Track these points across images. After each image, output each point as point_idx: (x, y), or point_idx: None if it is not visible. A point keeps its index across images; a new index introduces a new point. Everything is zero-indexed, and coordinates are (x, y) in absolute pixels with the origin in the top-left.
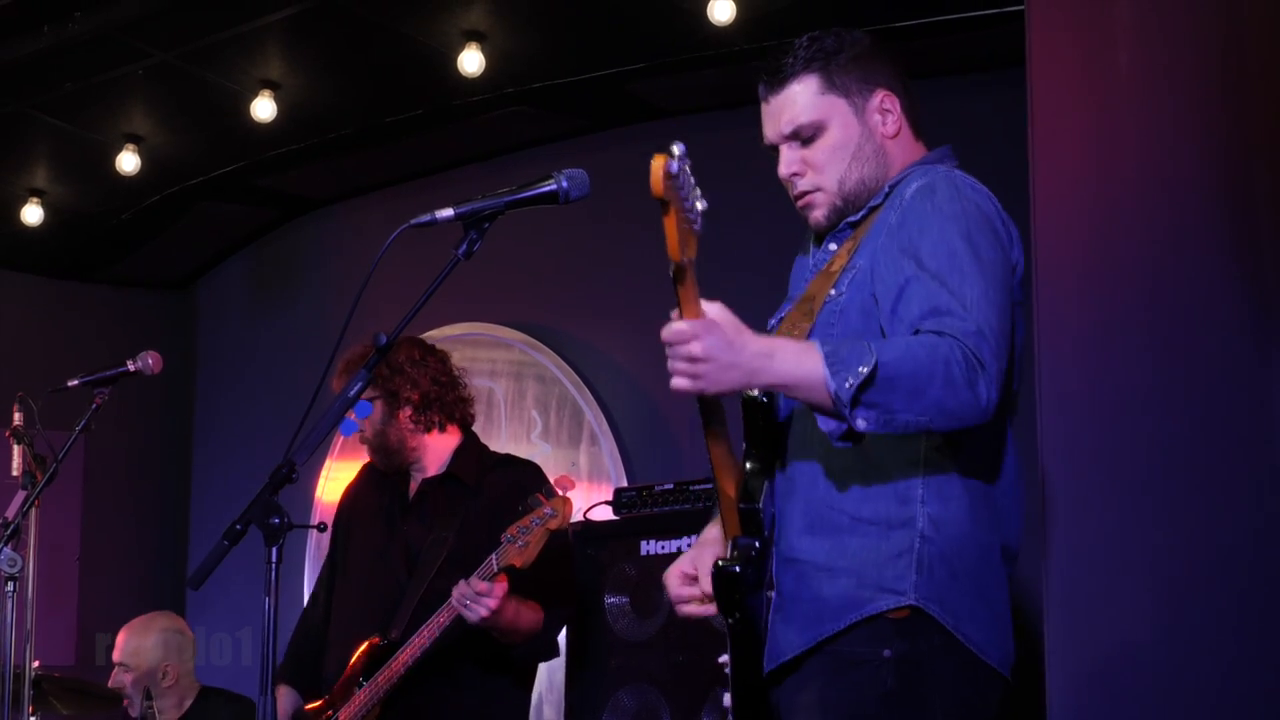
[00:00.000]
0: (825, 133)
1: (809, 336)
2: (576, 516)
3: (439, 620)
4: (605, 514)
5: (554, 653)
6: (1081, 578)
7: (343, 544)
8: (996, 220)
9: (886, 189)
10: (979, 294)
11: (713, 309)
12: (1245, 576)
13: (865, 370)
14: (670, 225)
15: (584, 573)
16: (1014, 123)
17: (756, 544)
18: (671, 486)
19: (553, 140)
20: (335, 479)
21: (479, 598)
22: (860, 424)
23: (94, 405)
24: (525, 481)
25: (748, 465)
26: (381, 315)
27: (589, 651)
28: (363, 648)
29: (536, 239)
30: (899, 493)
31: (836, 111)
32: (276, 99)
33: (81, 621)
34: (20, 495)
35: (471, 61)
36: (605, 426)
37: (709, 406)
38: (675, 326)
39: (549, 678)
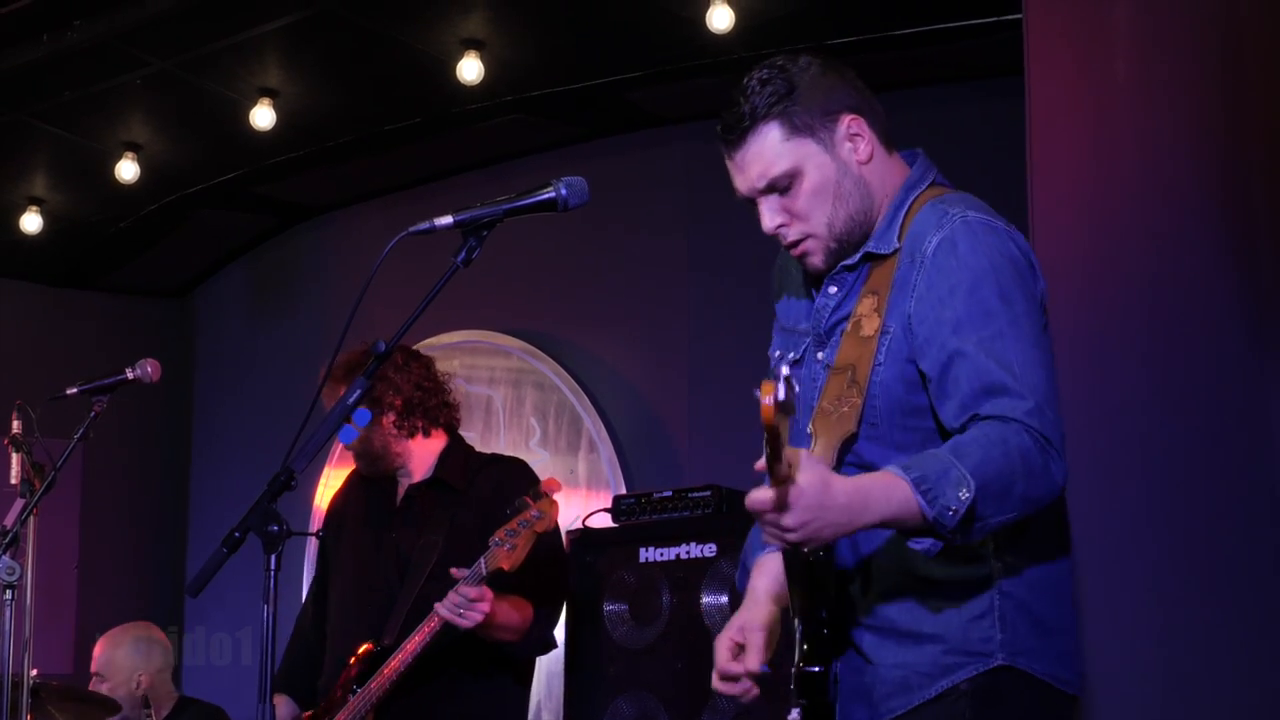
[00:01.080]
0: (801, 179)
1: (863, 412)
2: (575, 524)
3: (428, 627)
4: (604, 521)
5: (551, 645)
6: (1080, 580)
7: (332, 551)
8: (1020, 259)
9: (894, 238)
10: (1023, 357)
11: (805, 471)
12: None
13: (968, 496)
14: (775, 448)
15: (582, 580)
16: (1012, 130)
17: (825, 630)
18: (670, 494)
19: (551, 148)
20: (333, 486)
21: (470, 604)
22: (958, 539)
23: (93, 413)
24: (512, 479)
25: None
26: (380, 323)
27: (588, 659)
28: (358, 653)
29: (535, 246)
30: (971, 551)
31: (807, 154)
32: (275, 107)
33: (80, 629)
34: (19, 503)
35: (470, 69)
36: (604, 434)
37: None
38: (759, 496)
39: (548, 684)
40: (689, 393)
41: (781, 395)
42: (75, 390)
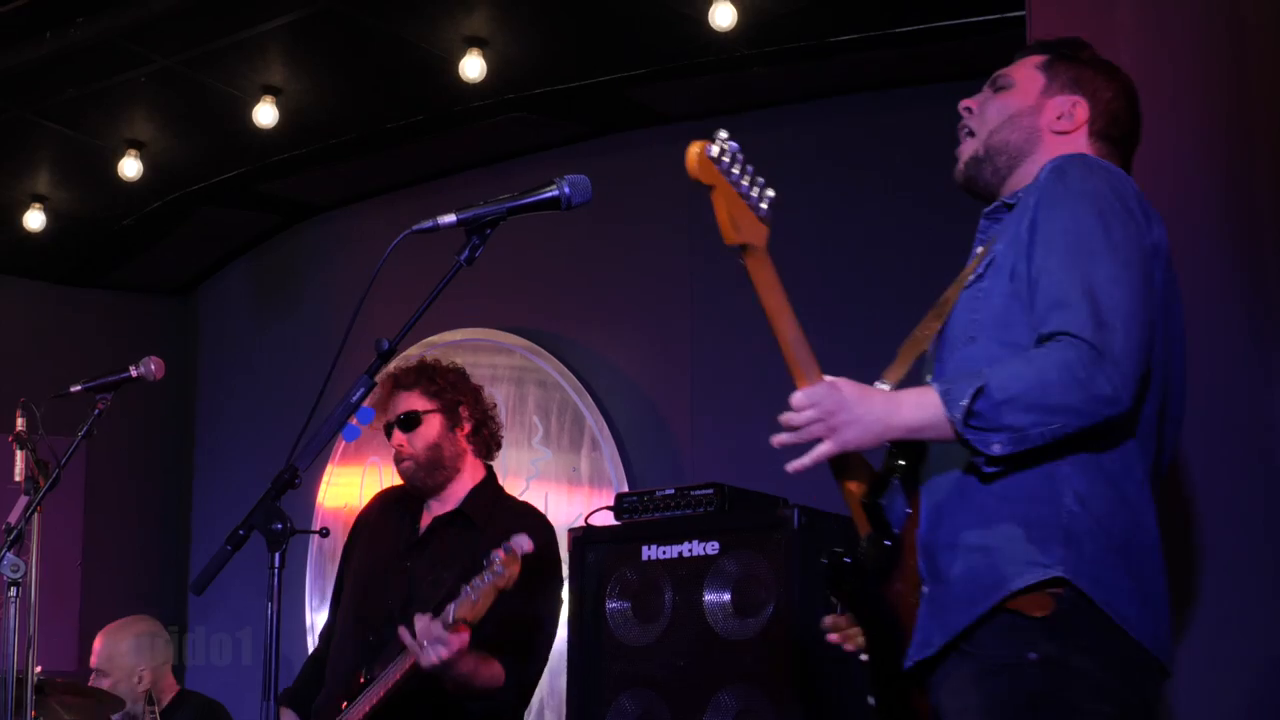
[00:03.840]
0: (1012, 92)
1: (941, 333)
2: (578, 522)
3: (403, 665)
4: (606, 519)
5: (518, 716)
6: None
7: (348, 570)
8: (1131, 199)
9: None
10: (1106, 276)
11: (832, 378)
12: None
13: (965, 403)
14: (717, 206)
15: (585, 578)
16: None
17: (887, 542)
18: (673, 491)
19: (554, 146)
20: (337, 484)
21: (434, 644)
22: (995, 448)
23: (96, 411)
24: (531, 531)
25: (892, 459)
26: (383, 321)
27: (590, 656)
28: (357, 682)
29: (538, 244)
30: (1044, 472)
31: (1033, 84)
32: (278, 105)
33: (84, 626)
34: (23, 500)
35: (473, 67)
36: (606, 432)
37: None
38: (804, 391)
39: (550, 683)
40: (691, 391)
41: (713, 151)
42: (79, 388)
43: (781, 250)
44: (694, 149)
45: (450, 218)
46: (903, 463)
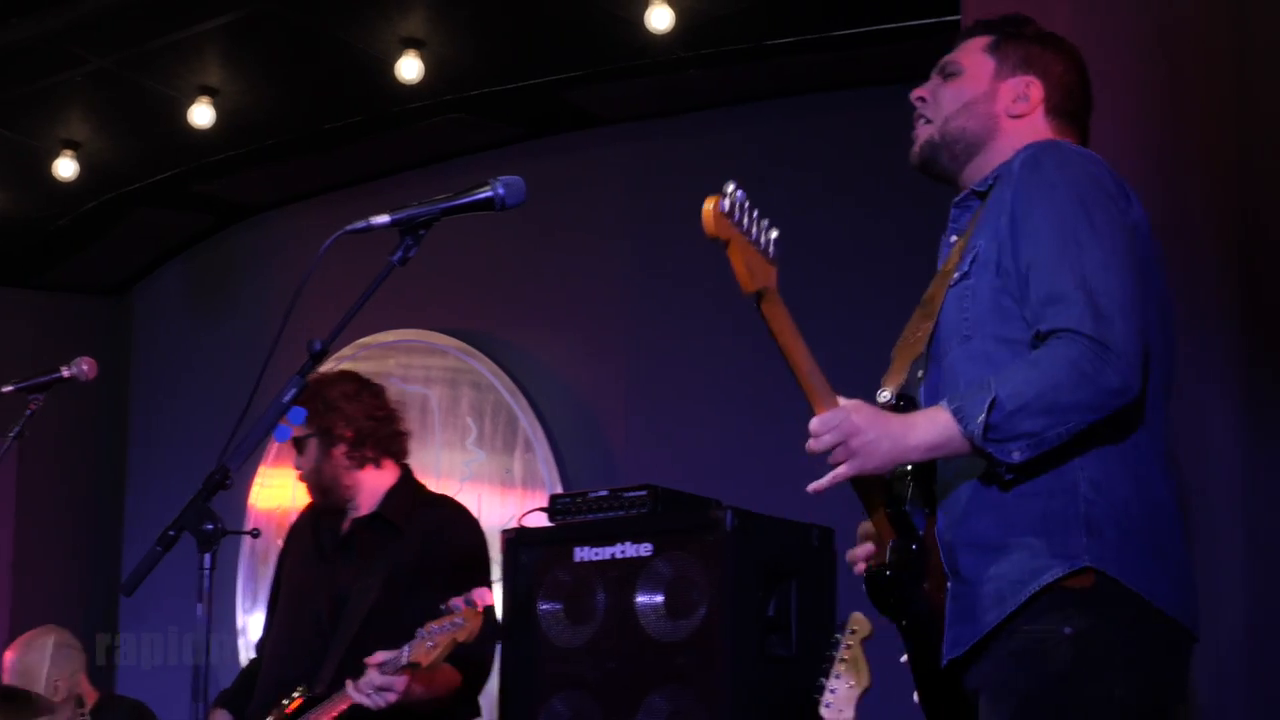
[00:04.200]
0: (960, 79)
1: (934, 330)
2: (511, 523)
3: (343, 694)
4: (539, 520)
5: (475, 712)
6: None
7: (282, 582)
8: (1108, 181)
9: (991, 178)
10: (1096, 263)
11: (848, 402)
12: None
13: (982, 419)
14: (735, 260)
15: (517, 580)
16: None
17: (914, 546)
18: (606, 493)
19: (490, 148)
20: (269, 485)
21: (380, 692)
22: (1015, 456)
23: (28, 411)
24: (452, 526)
25: (896, 472)
26: (317, 321)
27: (522, 658)
28: (292, 697)
29: (474, 246)
30: (1058, 463)
31: (982, 70)
32: (214, 105)
33: (13, 628)
34: None
35: (410, 69)
36: (540, 433)
37: (864, 487)
38: (821, 416)
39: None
40: (626, 393)
41: (726, 207)
42: (10, 388)
43: (718, 253)
44: (708, 208)
45: (384, 218)
46: (910, 470)
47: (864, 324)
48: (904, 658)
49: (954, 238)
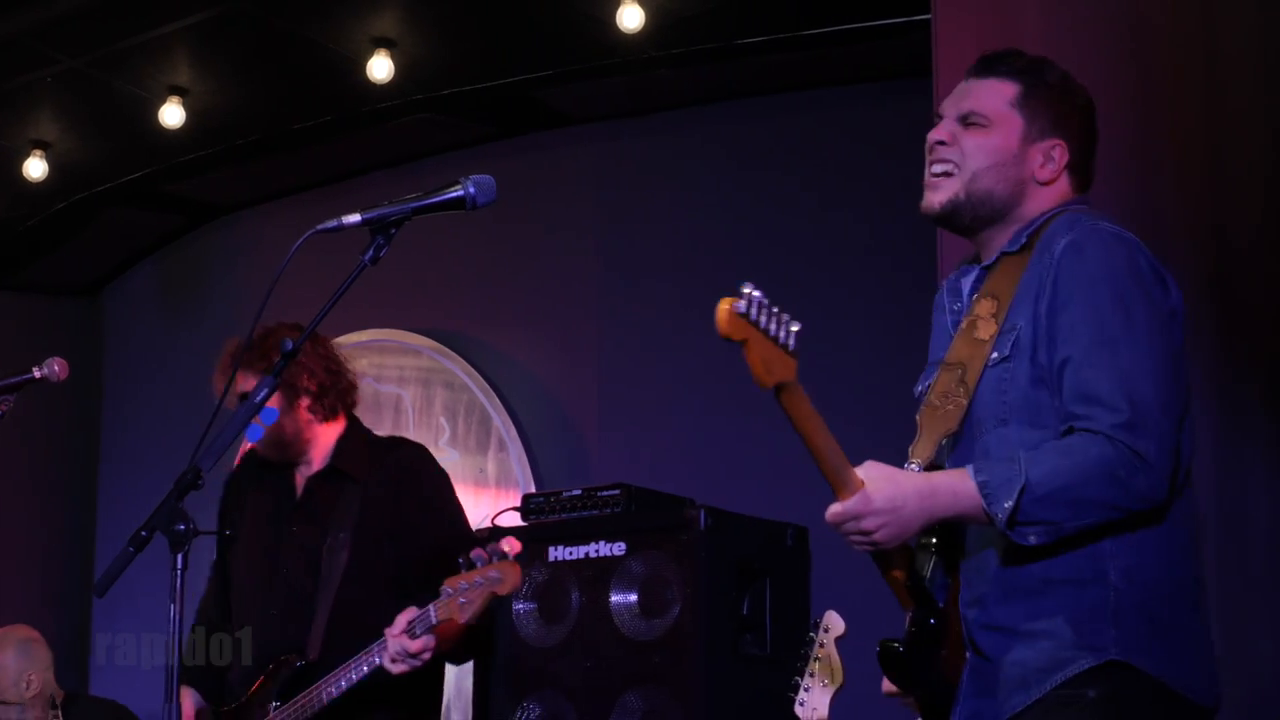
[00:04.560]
0: (989, 131)
1: (968, 410)
2: (484, 523)
3: (369, 659)
4: (513, 520)
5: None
6: None
7: (230, 545)
8: (1148, 272)
9: (1025, 238)
10: (1130, 365)
11: (867, 470)
12: None
13: (1010, 504)
14: (751, 359)
15: None
16: (920, 132)
17: (932, 620)
18: (579, 492)
19: (461, 147)
20: None
21: (414, 657)
22: (1031, 540)
23: None
24: (416, 465)
25: (921, 540)
26: (288, 321)
27: (496, 657)
28: (280, 661)
29: (446, 246)
30: (1088, 551)
31: (1011, 125)
32: (185, 105)
33: None
34: None
35: (381, 68)
36: (513, 432)
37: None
38: (837, 510)
39: (456, 684)
40: (598, 392)
41: (742, 308)
42: None
43: (689, 252)
44: (723, 310)
45: (355, 217)
46: (935, 540)
47: (833, 323)
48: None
49: (974, 295)
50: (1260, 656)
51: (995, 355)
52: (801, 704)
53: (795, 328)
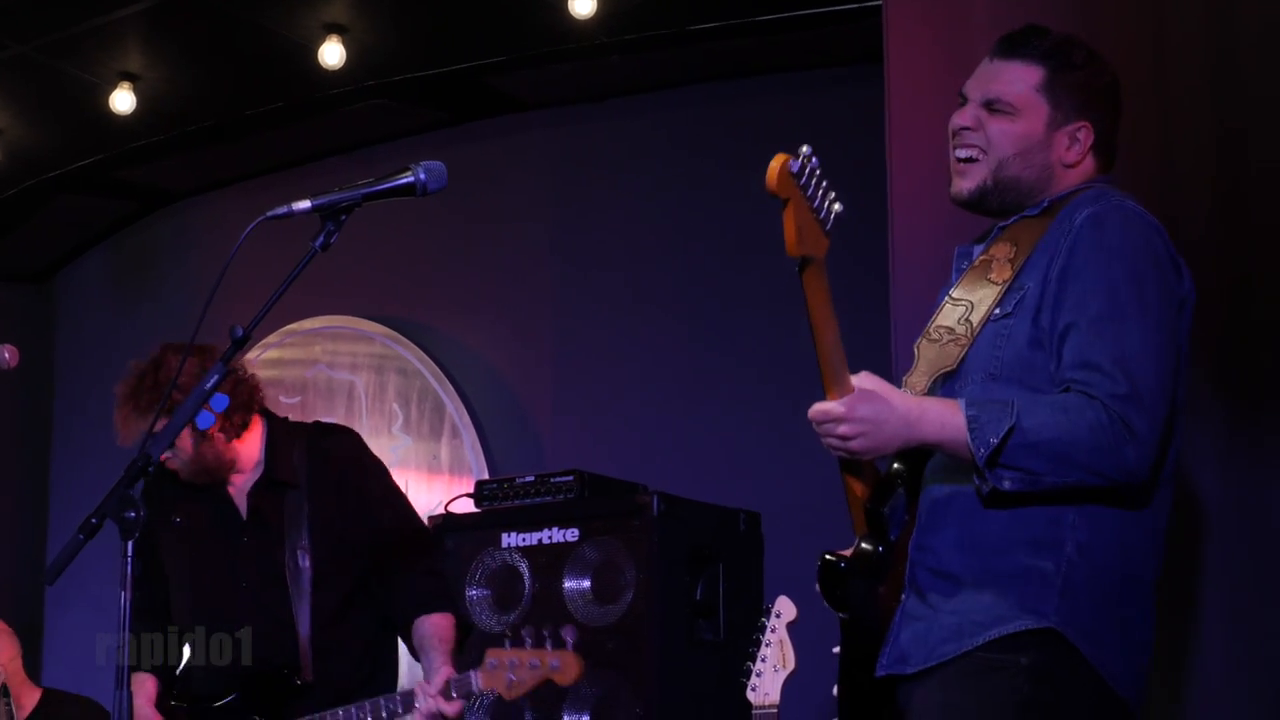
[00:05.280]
0: (1015, 118)
1: (967, 353)
2: (438, 509)
3: (391, 706)
4: (466, 506)
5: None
6: None
7: (168, 557)
8: (1164, 255)
9: (1046, 203)
10: (1136, 344)
11: (861, 379)
12: None
13: (995, 441)
14: (788, 220)
15: (445, 565)
16: (874, 117)
17: (880, 548)
18: (533, 479)
19: (413, 133)
20: None
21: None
22: (1006, 485)
23: None
24: (347, 457)
25: (894, 466)
26: (241, 308)
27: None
28: (260, 673)
29: (400, 232)
30: (1051, 516)
31: (1037, 111)
32: (136, 91)
33: None
34: None
35: (332, 54)
36: (466, 419)
37: (852, 470)
38: (821, 408)
39: (409, 669)
40: (552, 378)
41: (796, 167)
42: None
43: (642, 238)
44: (776, 164)
45: (305, 204)
46: (902, 468)
47: (787, 308)
48: (836, 649)
49: (987, 245)
50: None
51: (998, 311)
52: (754, 688)
53: (838, 207)
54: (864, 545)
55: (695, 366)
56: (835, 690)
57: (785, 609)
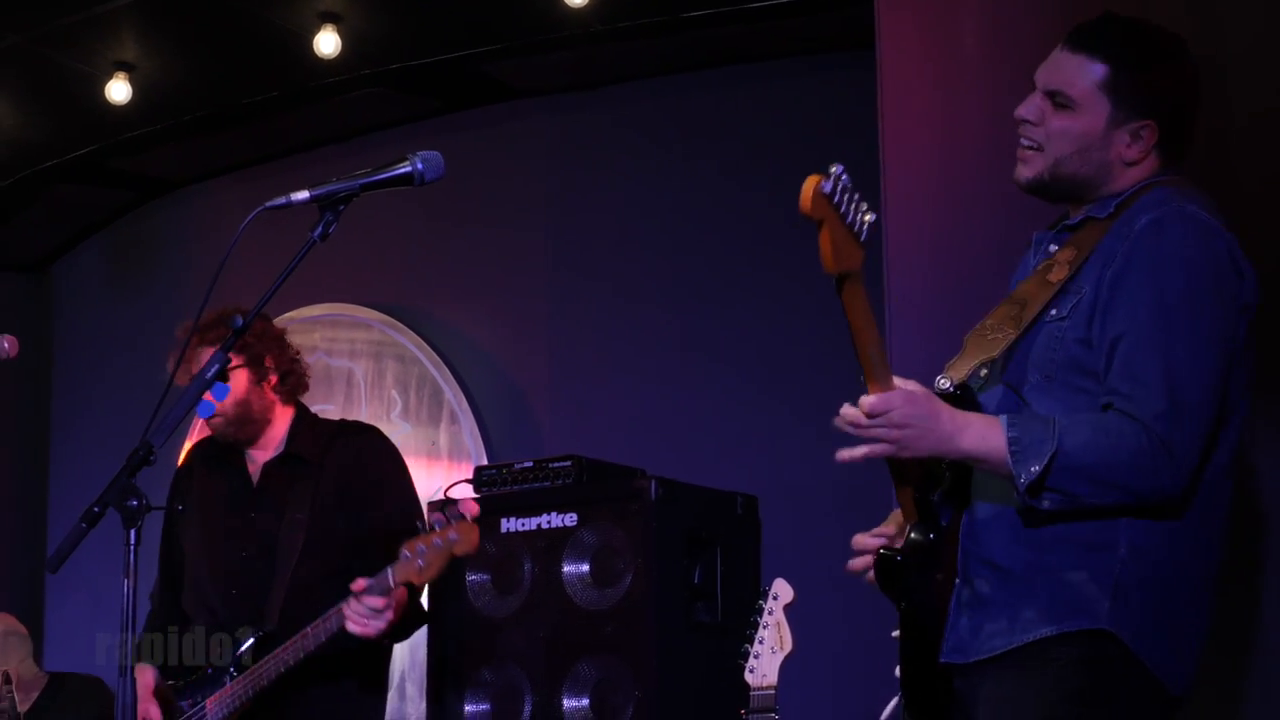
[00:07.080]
0: (1075, 114)
1: (1014, 351)
2: (437, 495)
3: (326, 626)
4: (465, 492)
5: (424, 619)
6: None
7: (184, 531)
8: (1225, 262)
9: (1112, 207)
10: (1184, 359)
11: (905, 385)
12: None
13: (1038, 470)
14: (824, 240)
15: None
16: (867, 103)
17: (931, 535)
18: (531, 464)
19: (409, 121)
20: None
21: (376, 614)
22: (1045, 505)
23: None
24: (371, 449)
25: (943, 467)
26: (239, 297)
27: (450, 629)
28: (235, 634)
29: (398, 220)
30: (1101, 517)
31: (1098, 108)
32: (131, 81)
33: None
34: None
35: (328, 43)
36: (465, 405)
37: (899, 465)
38: (870, 401)
39: (410, 655)
40: (549, 364)
41: (828, 188)
42: None
43: (638, 224)
44: (808, 188)
45: (303, 194)
46: (949, 472)
47: (784, 295)
48: (895, 633)
49: (1054, 247)
50: None
51: (1054, 312)
52: (751, 670)
53: (870, 218)
54: (914, 535)
55: (692, 351)
56: (897, 671)
57: (782, 591)
